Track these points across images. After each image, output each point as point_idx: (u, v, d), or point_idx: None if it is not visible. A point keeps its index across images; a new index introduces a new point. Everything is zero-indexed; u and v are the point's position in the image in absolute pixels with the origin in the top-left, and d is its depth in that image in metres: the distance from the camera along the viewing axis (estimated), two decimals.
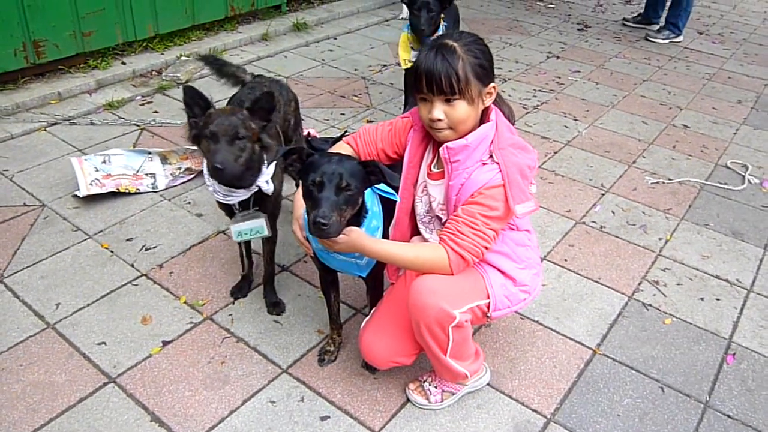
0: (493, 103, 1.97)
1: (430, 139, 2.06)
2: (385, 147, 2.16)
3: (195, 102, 2.20)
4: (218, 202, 2.45)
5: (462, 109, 1.86)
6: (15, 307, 2.59)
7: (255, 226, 2.40)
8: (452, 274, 1.91)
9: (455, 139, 1.91)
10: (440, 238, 1.92)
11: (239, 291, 2.72)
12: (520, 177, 1.87)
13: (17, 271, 2.78)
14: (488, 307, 2.00)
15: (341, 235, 1.85)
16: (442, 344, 1.97)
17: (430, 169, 2.08)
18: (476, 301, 1.97)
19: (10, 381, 2.26)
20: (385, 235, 2.16)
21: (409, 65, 4.13)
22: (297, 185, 2.40)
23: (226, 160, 2.08)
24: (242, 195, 2.31)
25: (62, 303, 2.62)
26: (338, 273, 2.29)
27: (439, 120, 1.88)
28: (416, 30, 3.98)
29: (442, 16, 3.84)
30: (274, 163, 2.33)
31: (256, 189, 2.32)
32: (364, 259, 2.07)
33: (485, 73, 1.87)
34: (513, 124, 2.04)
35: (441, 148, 1.92)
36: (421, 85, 1.86)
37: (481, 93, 1.88)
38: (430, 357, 2.09)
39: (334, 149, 2.18)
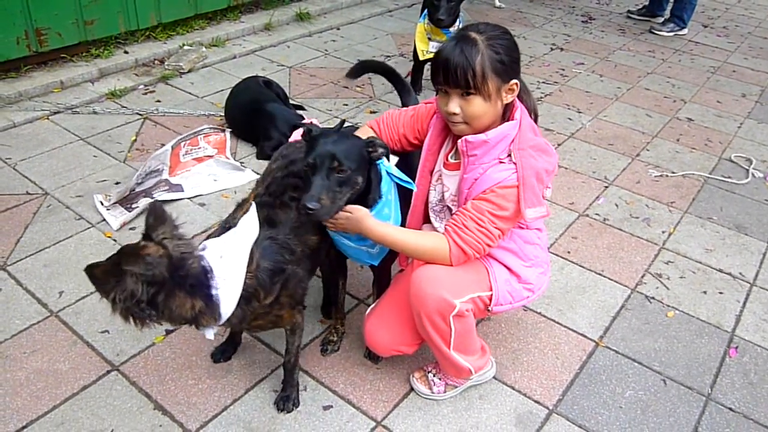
0: (518, 98, 1.93)
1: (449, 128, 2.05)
2: (406, 132, 2.15)
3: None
4: None
5: (477, 105, 1.83)
6: (18, 295, 2.59)
7: None
8: (451, 266, 1.90)
9: (470, 134, 1.89)
10: (445, 229, 1.91)
11: (221, 354, 2.36)
12: (535, 180, 1.84)
13: (20, 259, 2.78)
14: (490, 300, 2.00)
15: (342, 212, 1.84)
16: (445, 335, 1.97)
17: (447, 159, 2.06)
18: (477, 292, 1.96)
19: (13, 368, 2.27)
20: (403, 224, 2.14)
21: (429, 56, 4.08)
22: None
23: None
24: None
25: (65, 291, 2.62)
26: (347, 261, 2.28)
27: (455, 113, 1.86)
28: (434, 20, 3.90)
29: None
30: None
31: None
32: (376, 248, 2.06)
33: (505, 69, 1.82)
34: (535, 118, 2.01)
35: (459, 141, 1.89)
36: (438, 76, 1.83)
37: (501, 89, 1.84)
38: (434, 351, 2.09)
39: (357, 133, 2.17)
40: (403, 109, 2.20)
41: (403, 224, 2.13)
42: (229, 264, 1.72)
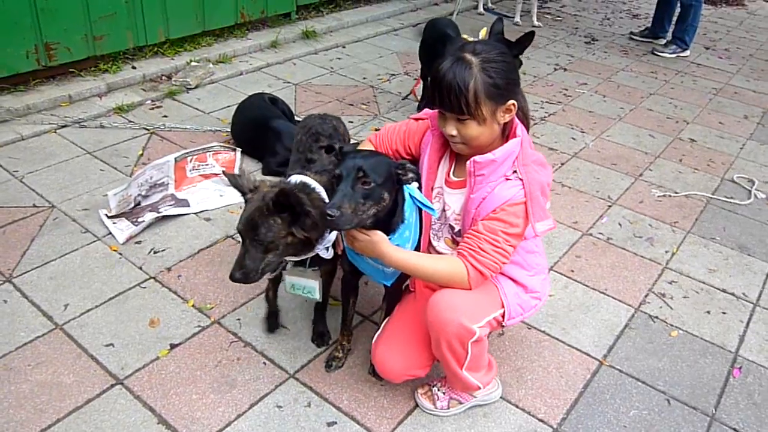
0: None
1: (448, 146, 2.07)
2: (398, 148, 2.18)
3: (236, 187, 2.06)
4: None
5: (473, 129, 1.85)
6: (24, 308, 2.60)
7: (307, 286, 2.28)
8: (470, 289, 1.91)
9: (469, 153, 1.91)
10: (460, 253, 1.91)
11: (268, 327, 2.58)
12: (540, 194, 1.87)
13: (26, 272, 2.79)
14: (503, 317, 2.01)
15: (362, 235, 1.85)
16: (461, 358, 1.97)
17: (449, 177, 2.08)
18: (493, 314, 1.98)
19: (18, 381, 2.27)
20: (418, 248, 2.14)
21: None
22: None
23: (241, 271, 1.95)
24: (298, 258, 2.17)
25: (71, 304, 2.63)
26: (359, 280, 2.29)
27: (452, 135, 1.89)
28: None
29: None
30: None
31: (314, 254, 2.14)
32: (391, 268, 2.07)
33: (500, 93, 1.81)
34: (528, 125, 2.03)
35: (468, 162, 1.90)
36: (435, 100, 1.85)
37: (496, 112, 1.85)
38: (446, 369, 2.09)
39: (360, 148, 2.19)
40: (398, 124, 2.22)
41: (418, 248, 2.14)
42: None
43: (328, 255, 2.14)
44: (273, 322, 2.58)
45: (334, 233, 2.11)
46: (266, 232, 1.93)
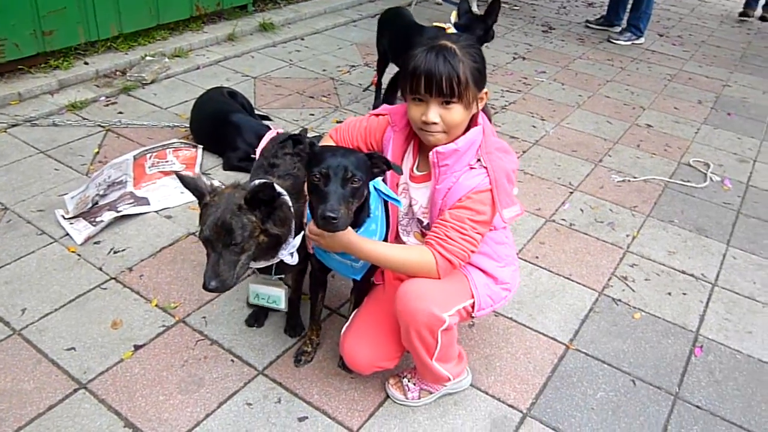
0: None
1: (411, 140, 2.06)
2: (359, 144, 2.15)
3: (191, 190, 1.96)
4: None
5: (457, 113, 1.85)
6: None
7: (272, 295, 2.24)
8: (439, 278, 1.91)
9: (447, 142, 1.90)
10: (427, 242, 1.91)
11: (255, 320, 2.55)
12: (506, 181, 1.88)
13: None
14: (473, 307, 2.01)
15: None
16: (430, 348, 1.97)
17: (413, 172, 2.07)
18: (462, 303, 1.98)
19: None
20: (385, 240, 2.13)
21: None
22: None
23: (217, 279, 1.83)
24: (262, 264, 2.12)
25: (28, 308, 2.55)
26: (327, 275, 2.27)
27: (434, 123, 1.85)
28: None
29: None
30: (302, 234, 2.09)
31: (278, 260, 2.09)
32: (360, 263, 2.06)
33: (481, 78, 1.86)
34: (489, 114, 2.05)
35: (431, 153, 1.90)
36: (419, 85, 1.82)
37: (476, 98, 1.87)
38: (416, 360, 2.09)
39: (321, 143, 2.17)
40: (358, 119, 2.19)
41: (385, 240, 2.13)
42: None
43: (292, 261, 2.09)
44: (260, 317, 2.57)
45: (299, 238, 2.08)
46: (242, 232, 1.85)
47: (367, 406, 2.25)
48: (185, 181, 1.96)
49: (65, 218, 3.03)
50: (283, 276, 2.23)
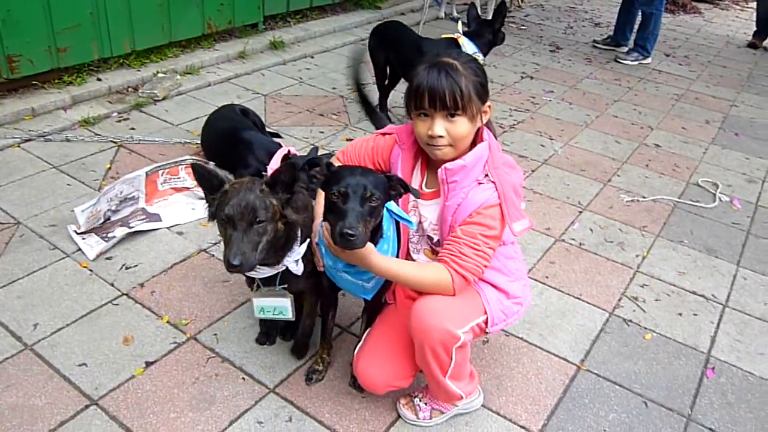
0: None
1: (418, 158, 2.08)
2: (367, 164, 2.17)
3: (207, 180, 1.96)
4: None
5: (463, 126, 1.88)
6: None
7: (278, 306, 2.23)
8: (454, 295, 1.91)
9: (453, 157, 1.92)
10: (441, 259, 1.92)
11: (266, 338, 2.56)
12: (514, 195, 1.91)
13: None
14: (486, 323, 2.02)
15: None
16: (444, 365, 1.97)
17: (422, 189, 2.09)
18: (476, 319, 1.98)
19: None
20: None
21: None
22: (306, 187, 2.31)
23: (242, 256, 1.82)
24: (267, 272, 2.11)
25: (40, 323, 2.56)
26: (338, 293, 2.28)
27: (440, 137, 1.89)
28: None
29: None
30: (308, 241, 2.12)
31: (284, 268, 2.10)
32: (371, 282, 2.06)
33: (483, 91, 1.91)
34: (493, 130, 2.07)
35: (440, 170, 1.92)
36: (423, 101, 1.87)
37: (480, 111, 1.91)
38: (429, 378, 2.09)
39: None
40: (364, 139, 2.22)
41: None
42: None
43: (298, 269, 2.10)
44: (271, 335, 2.57)
45: (304, 246, 2.10)
46: (265, 212, 1.87)
47: (378, 425, 2.24)
48: (203, 171, 1.96)
49: (77, 233, 3.05)
50: (286, 286, 2.22)
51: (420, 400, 2.24)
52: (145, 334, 2.55)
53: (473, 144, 1.98)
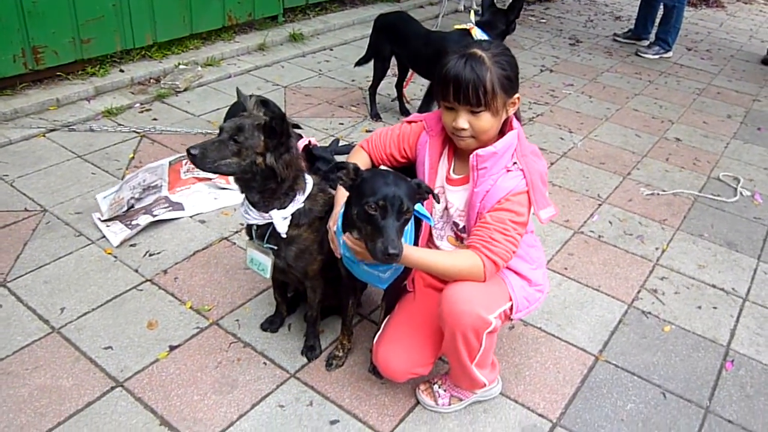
0: None
1: (446, 145, 2.10)
2: (393, 152, 2.20)
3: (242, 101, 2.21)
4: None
5: (486, 121, 1.89)
6: (19, 312, 2.58)
7: (261, 261, 2.29)
8: (485, 281, 1.93)
9: (477, 147, 1.94)
10: (471, 245, 1.93)
11: (269, 324, 2.60)
12: (540, 183, 1.93)
13: (20, 276, 2.77)
14: (511, 310, 2.04)
15: None
16: (473, 351, 1.99)
17: (449, 175, 2.11)
18: (503, 306, 2.00)
19: (16, 385, 2.25)
20: None
21: None
22: (333, 187, 2.32)
23: (201, 149, 1.99)
24: (256, 218, 2.17)
25: (67, 307, 2.62)
26: (356, 282, 2.31)
27: (464, 129, 1.91)
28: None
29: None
30: (300, 204, 2.17)
31: (271, 220, 2.15)
32: (387, 273, 2.08)
33: (511, 84, 1.90)
34: (519, 118, 2.09)
35: (471, 156, 1.94)
36: (448, 93, 1.88)
37: (506, 104, 1.92)
38: (454, 365, 2.11)
39: (352, 155, 2.22)
40: (388, 128, 2.24)
41: None
42: None
43: (283, 227, 2.14)
44: (275, 323, 2.60)
45: (293, 206, 2.15)
46: (246, 139, 2.01)
47: (398, 411, 2.27)
48: (242, 97, 2.21)
49: (102, 220, 3.10)
50: (274, 247, 2.23)
51: (439, 387, 2.27)
52: (168, 319, 2.60)
53: (502, 132, 1.99)
